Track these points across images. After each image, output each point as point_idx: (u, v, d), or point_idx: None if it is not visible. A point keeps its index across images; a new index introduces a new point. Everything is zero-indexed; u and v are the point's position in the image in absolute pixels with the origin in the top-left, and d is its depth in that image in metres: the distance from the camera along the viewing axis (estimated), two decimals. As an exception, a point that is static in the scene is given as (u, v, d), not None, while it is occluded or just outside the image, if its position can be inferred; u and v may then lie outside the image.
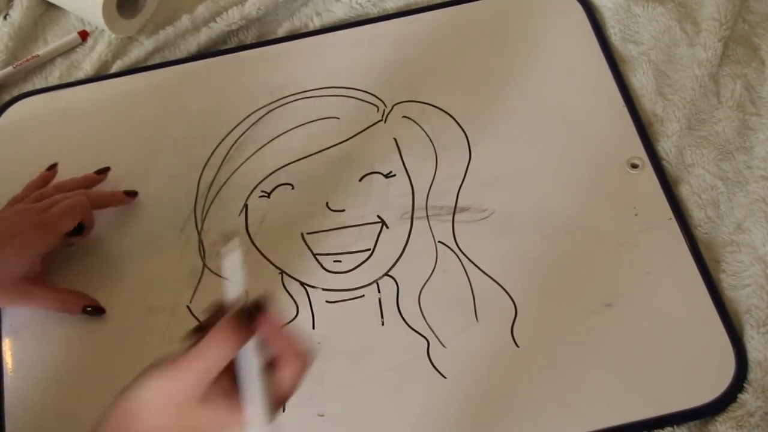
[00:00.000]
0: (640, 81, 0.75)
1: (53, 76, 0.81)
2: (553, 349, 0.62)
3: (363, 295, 0.65)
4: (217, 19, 0.81)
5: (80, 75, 0.80)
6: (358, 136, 0.73)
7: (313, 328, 0.64)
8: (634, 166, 0.70)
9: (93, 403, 0.62)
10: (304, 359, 0.46)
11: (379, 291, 0.65)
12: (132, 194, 0.70)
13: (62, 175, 0.73)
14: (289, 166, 0.72)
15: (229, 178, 0.72)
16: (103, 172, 0.71)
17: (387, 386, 0.61)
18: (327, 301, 0.65)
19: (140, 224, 0.70)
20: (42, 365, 0.64)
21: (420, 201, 0.69)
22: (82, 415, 0.62)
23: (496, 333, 0.63)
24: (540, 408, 0.60)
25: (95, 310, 0.65)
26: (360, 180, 0.71)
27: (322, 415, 0.61)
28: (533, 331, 0.63)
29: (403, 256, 0.67)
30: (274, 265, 0.67)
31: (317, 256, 0.67)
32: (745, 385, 0.60)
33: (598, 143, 0.71)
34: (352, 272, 0.66)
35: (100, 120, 0.76)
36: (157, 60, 0.81)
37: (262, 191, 0.71)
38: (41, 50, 0.81)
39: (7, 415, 0.63)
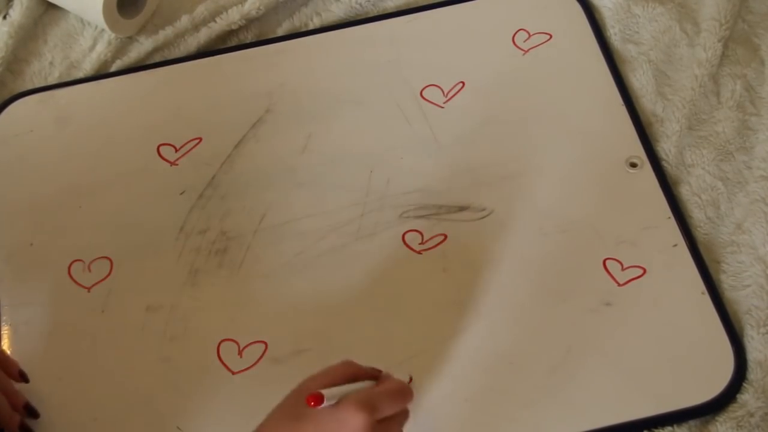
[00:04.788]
0: (640, 81, 0.75)
1: (52, 76, 0.81)
2: (552, 348, 0.62)
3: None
4: (217, 19, 0.81)
5: (80, 75, 0.80)
6: (358, 134, 0.73)
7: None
8: (633, 165, 0.70)
9: (93, 401, 0.63)
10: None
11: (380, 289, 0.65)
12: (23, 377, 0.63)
13: (61, 175, 0.73)
14: (289, 164, 0.72)
15: (228, 177, 0.72)
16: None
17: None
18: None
19: (139, 223, 0.70)
20: (42, 364, 0.64)
21: (420, 199, 0.69)
22: (83, 413, 0.62)
23: (495, 332, 0.63)
24: (540, 407, 0.60)
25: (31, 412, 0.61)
26: (361, 178, 0.71)
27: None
28: (532, 330, 0.63)
29: (403, 254, 0.67)
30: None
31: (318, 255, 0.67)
32: (745, 385, 0.60)
33: (597, 142, 0.71)
34: (352, 270, 0.66)
35: (99, 119, 0.77)
36: (156, 60, 0.81)
37: (262, 189, 0.71)
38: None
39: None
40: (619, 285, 0.64)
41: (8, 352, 0.65)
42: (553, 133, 0.72)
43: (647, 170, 0.69)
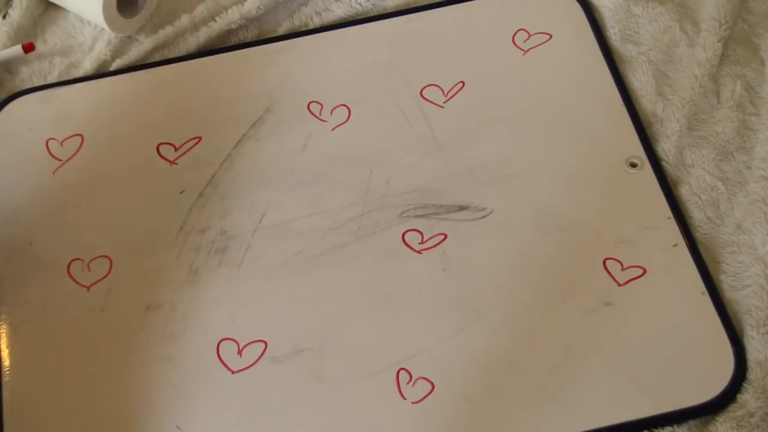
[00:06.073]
0: (640, 81, 0.75)
1: (52, 75, 0.81)
2: (552, 348, 0.62)
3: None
4: (217, 19, 0.81)
5: (79, 74, 0.80)
6: (358, 134, 0.73)
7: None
8: (633, 165, 0.70)
9: (92, 401, 0.63)
10: None
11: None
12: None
13: (61, 174, 0.73)
14: (289, 164, 0.72)
15: (228, 176, 0.72)
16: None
17: (386, 384, 0.61)
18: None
19: (139, 222, 0.70)
20: (41, 363, 0.64)
21: (419, 199, 0.69)
22: (82, 413, 0.62)
23: (494, 331, 0.63)
24: (539, 407, 0.60)
25: None
26: (361, 177, 0.71)
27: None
28: (532, 330, 0.63)
29: (403, 254, 0.67)
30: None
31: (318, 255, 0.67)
32: (745, 385, 0.60)
33: (597, 143, 0.71)
34: (352, 269, 0.66)
35: (98, 118, 0.76)
36: (156, 59, 0.81)
37: (262, 189, 0.71)
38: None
39: (6, 413, 0.62)
40: (619, 285, 0.64)
41: (7, 351, 0.65)
42: (553, 133, 0.72)
43: (647, 170, 0.69)
